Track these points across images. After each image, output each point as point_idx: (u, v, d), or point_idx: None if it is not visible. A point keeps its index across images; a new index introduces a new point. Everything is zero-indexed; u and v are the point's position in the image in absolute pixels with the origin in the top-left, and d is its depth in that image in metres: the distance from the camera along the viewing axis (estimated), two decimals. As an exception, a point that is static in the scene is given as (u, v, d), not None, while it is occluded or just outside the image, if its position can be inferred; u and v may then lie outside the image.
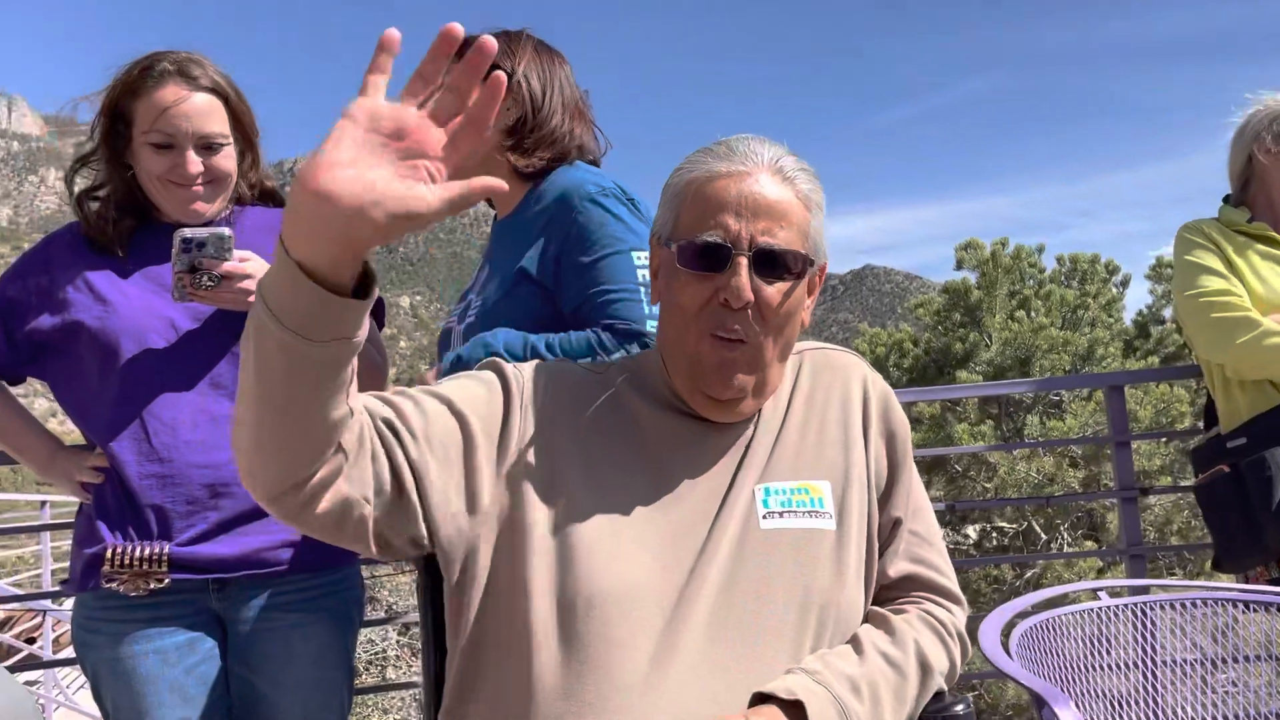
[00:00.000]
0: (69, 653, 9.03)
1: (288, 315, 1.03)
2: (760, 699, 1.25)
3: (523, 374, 1.41)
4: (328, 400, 1.10)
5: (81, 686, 8.39)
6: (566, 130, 1.90)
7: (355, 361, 1.12)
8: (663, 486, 1.36)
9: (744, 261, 1.30)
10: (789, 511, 1.37)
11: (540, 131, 1.88)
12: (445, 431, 1.31)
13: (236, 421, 1.16)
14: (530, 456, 1.35)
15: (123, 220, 1.99)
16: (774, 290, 1.32)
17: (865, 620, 1.43)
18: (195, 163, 1.92)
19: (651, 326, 1.70)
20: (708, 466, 1.38)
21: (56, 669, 7.55)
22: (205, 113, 1.93)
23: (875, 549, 1.45)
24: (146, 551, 1.86)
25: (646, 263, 1.72)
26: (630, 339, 1.70)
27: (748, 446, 1.41)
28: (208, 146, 1.94)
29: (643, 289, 1.73)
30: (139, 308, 1.93)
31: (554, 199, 1.82)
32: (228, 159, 1.97)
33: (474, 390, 1.37)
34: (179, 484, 1.88)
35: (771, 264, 1.32)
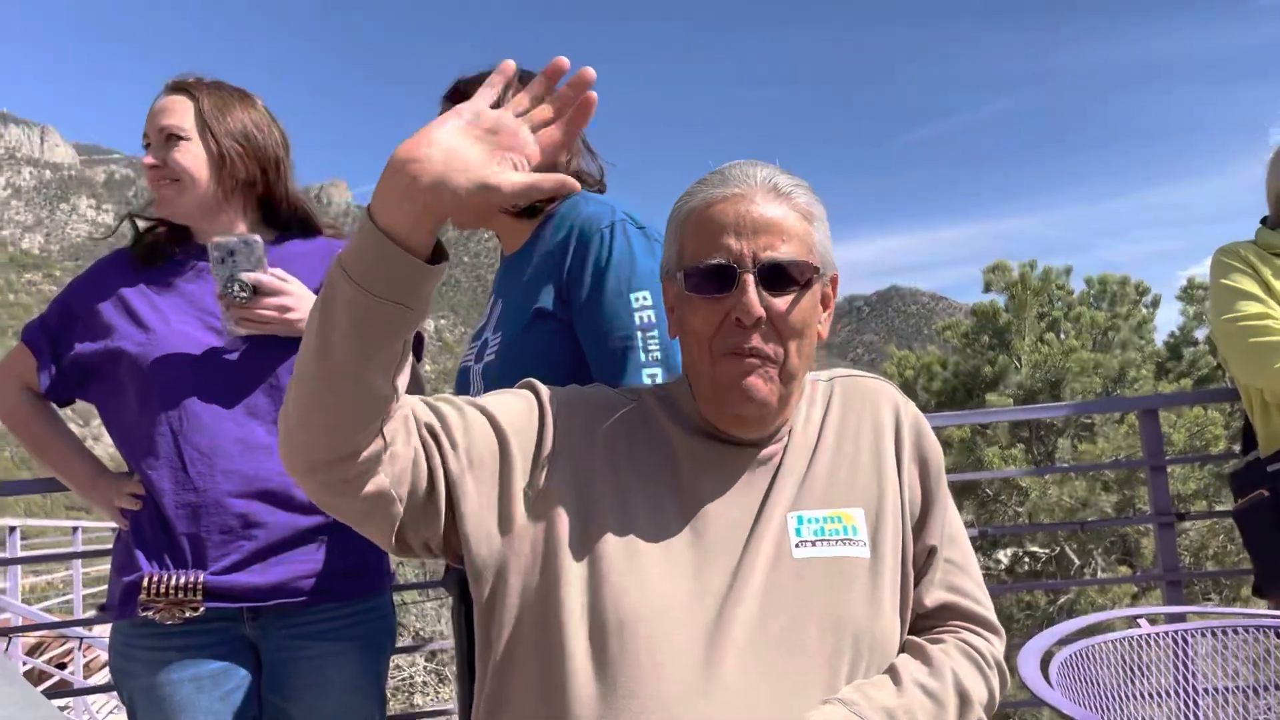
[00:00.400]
0: (99, 677, 9.11)
1: (360, 272, 1.13)
2: None
3: (559, 396, 1.43)
4: (379, 371, 1.19)
5: (112, 711, 8.43)
6: (563, 160, 1.89)
7: (409, 354, 1.22)
8: (694, 511, 1.36)
9: (750, 278, 1.32)
10: (822, 540, 1.37)
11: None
12: (485, 448, 1.35)
13: (287, 399, 1.24)
14: (564, 478, 1.36)
15: (168, 234, 2.07)
16: (784, 302, 1.34)
17: (902, 650, 1.42)
18: (149, 157, 2.00)
19: (648, 376, 1.70)
20: (739, 492, 1.39)
21: (87, 694, 7.59)
22: (166, 109, 2.01)
23: (910, 578, 1.44)
24: (181, 580, 1.88)
25: (648, 303, 1.72)
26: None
27: (778, 471, 1.41)
28: (167, 139, 2.00)
29: (641, 332, 1.71)
30: (179, 335, 1.96)
31: (567, 233, 1.81)
32: (183, 153, 1.98)
33: (515, 408, 1.40)
34: (214, 513, 1.90)
35: (778, 277, 1.34)
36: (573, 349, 1.81)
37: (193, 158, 1.99)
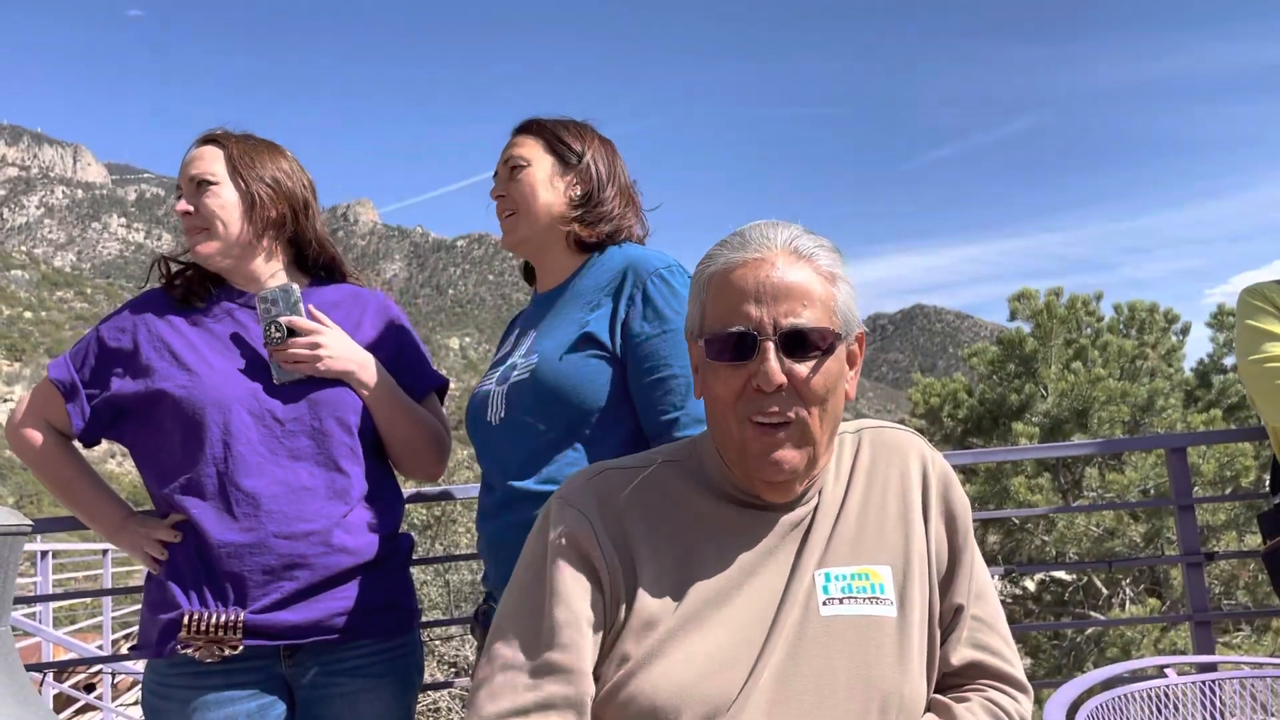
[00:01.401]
0: (125, 699, 9.14)
1: None
2: None
3: (593, 526, 1.40)
4: None
5: (139, 733, 8.46)
6: (621, 212, 2.04)
7: None
8: (725, 578, 1.37)
9: (770, 346, 1.32)
10: (849, 598, 1.37)
11: (602, 208, 2.01)
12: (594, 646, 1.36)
13: None
14: (626, 588, 1.38)
15: (199, 276, 2.12)
16: (806, 368, 1.33)
17: (928, 709, 1.42)
18: (182, 202, 2.07)
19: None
20: (768, 553, 1.39)
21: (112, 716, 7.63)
22: (196, 158, 2.10)
23: (937, 636, 1.44)
24: (223, 618, 1.90)
25: None
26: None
27: (809, 531, 1.41)
28: (197, 187, 2.07)
29: None
30: (222, 377, 2.00)
31: (621, 270, 1.93)
32: (213, 198, 2.06)
33: (583, 597, 1.37)
34: (257, 553, 1.93)
35: (800, 344, 1.33)
36: (614, 380, 1.86)
37: (223, 201, 2.06)
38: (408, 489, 2.47)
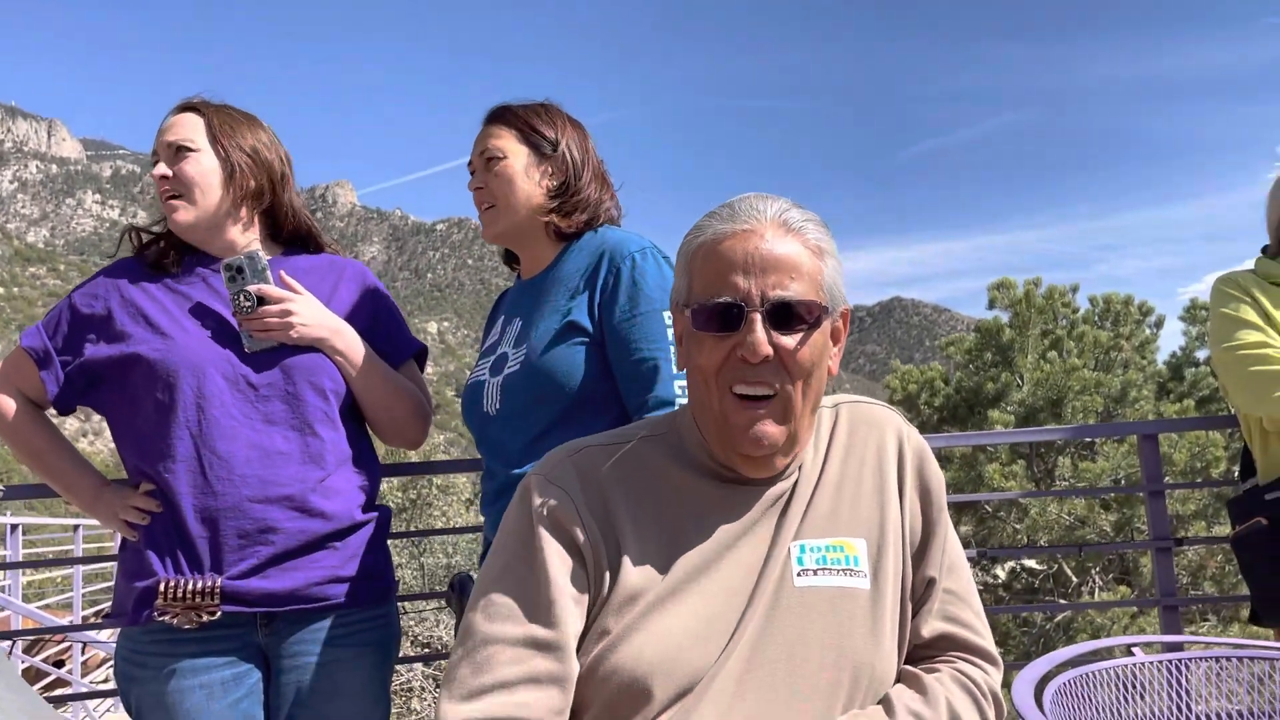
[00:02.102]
0: (96, 675, 9.10)
1: None
2: None
3: (574, 502, 1.39)
4: None
5: (108, 711, 8.43)
6: (598, 196, 2.06)
7: None
8: (704, 551, 1.38)
9: (757, 317, 1.32)
10: (823, 569, 1.38)
11: (579, 196, 2.04)
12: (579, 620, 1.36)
13: None
14: (610, 559, 1.38)
15: (172, 245, 2.10)
16: (792, 341, 1.33)
17: (897, 680, 1.43)
18: (160, 167, 2.05)
19: (679, 386, 1.81)
20: (748, 528, 1.40)
21: (88, 699, 7.59)
22: (175, 124, 2.08)
23: (909, 608, 1.45)
24: (199, 585, 1.90)
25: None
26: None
27: (788, 504, 1.42)
28: (176, 153, 2.05)
29: (673, 346, 1.82)
30: (197, 342, 2.00)
31: (597, 254, 1.96)
32: (192, 164, 2.04)
33: (565, 572, 1.36)
34: (232, 518, 1.92)
35: (786, 316, 1.33)
36: (599, 364, 1.90)
37: (201, 169, 2.05)
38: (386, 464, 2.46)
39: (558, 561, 1.35)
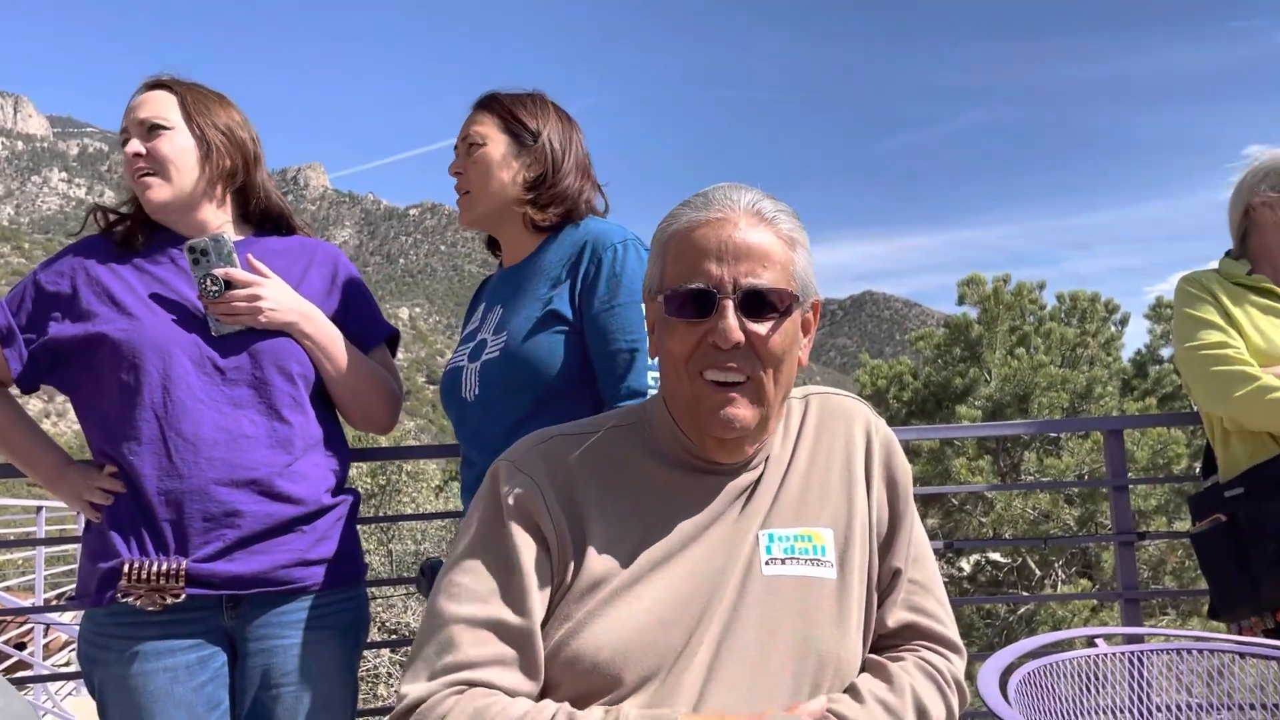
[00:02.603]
0: (58, 658, 9.00)
1: None
2: None
3: (541, 491, 1.40)
4: None
5: (70, 694, 8.35)
6: (577, 189, 2.05)
7: None
8: (670, 541, 1.39)
9: (729, 304, 1.33)
10: (791, 559, 1.40)
11: (556, 189, 2.03)
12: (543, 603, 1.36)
13: None
14: (574, 547, 1.39)
15: (139, 225, 2.08)
16: (763, 328, 1.35)
17: (863, 668, 1.45)
18: (134, 144, 2.02)
19: (652, 378, 1.83)
20: (715, 516, 1.41)
21: (51, 681, 7.51)
22: (147, 101, 2.05)
23: (874, 599, 1.47)
24: (164, 567, 1.88)
25: None
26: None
27: (754, 491, 1.43)
28: (149, 130, 2.03)
29: (649, 339, 1.81)
30: (163, 323, 1.98)
31: (579, 244, 1.96)
32: (167, 142, 2.02)
33: (530, 558, 1.37)
34: (197, 500, 1.91)
35: (758, 303, 1.34)
36: (578, 353, 1.91)
37: (177, 147, 2.03)
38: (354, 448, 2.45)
39: (523, 548, 1.36)
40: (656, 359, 1.46)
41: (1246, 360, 2.45)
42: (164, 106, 2.04)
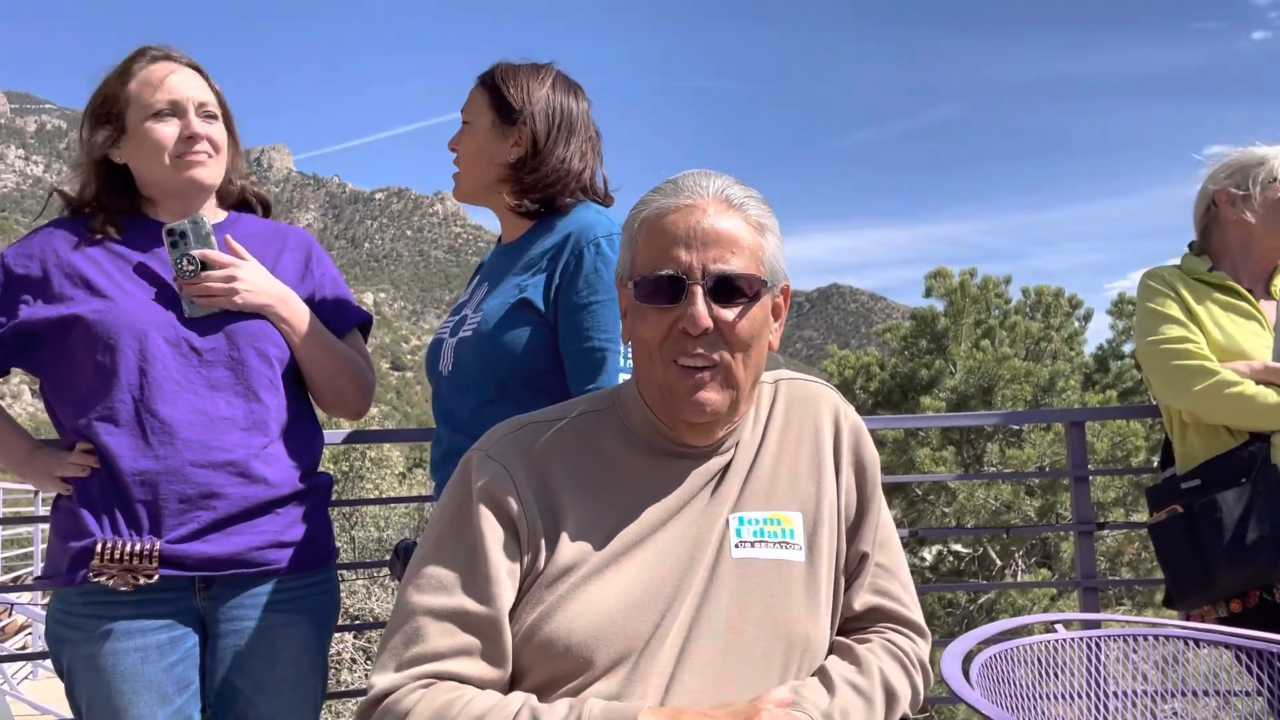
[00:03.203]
0: (14, 641, 8.87)
1: None
2: None
3: (513, 479, 1.40)
4: None
5: (26, 678, 8.25)
6: (564, 171, 1.97)
7: None
8: (641, 524, 1.40)
9: (699, 290, 1.34)
10: (760, 542, 1.42)
11: (536, 175, 1.96)
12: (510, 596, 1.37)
13: None
14: (548, 530, 1.39)
15: (111, 204, 2.05)
16: (732, 314, 1.36)
17: (830, 651, 1.47)
18: (199, 123, 2.02)
19: (623, 378, 1.79)
20: (685, 500, 1.42)
21: (11, 661, 7.42)
22: (198, 83, 2.05)
23: (841, 582, 1.49)
24: (138, 547, 1.87)
25: None
26: None
27: (724, 475, 1.45)
28: (207, 115, 2.03)
29: (622, 340, 1.79)
30: (139, 304, 1.96)
31: (564, 237, 1.91)
32: (219, 132, 2.06)
33: (499, 546, 1.38)
34: (173, 482, 1.90)
35: (727, 289, 1.35)
36: (548, 344, 1.87)
37: (223, 137, 2.07)
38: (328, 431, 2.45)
39: (491, 536, 1.37)
40: (629, 355, 1.48)
41: (1206, 355, 2.50)
42: (208, 94, 2.06)
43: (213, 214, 2.12)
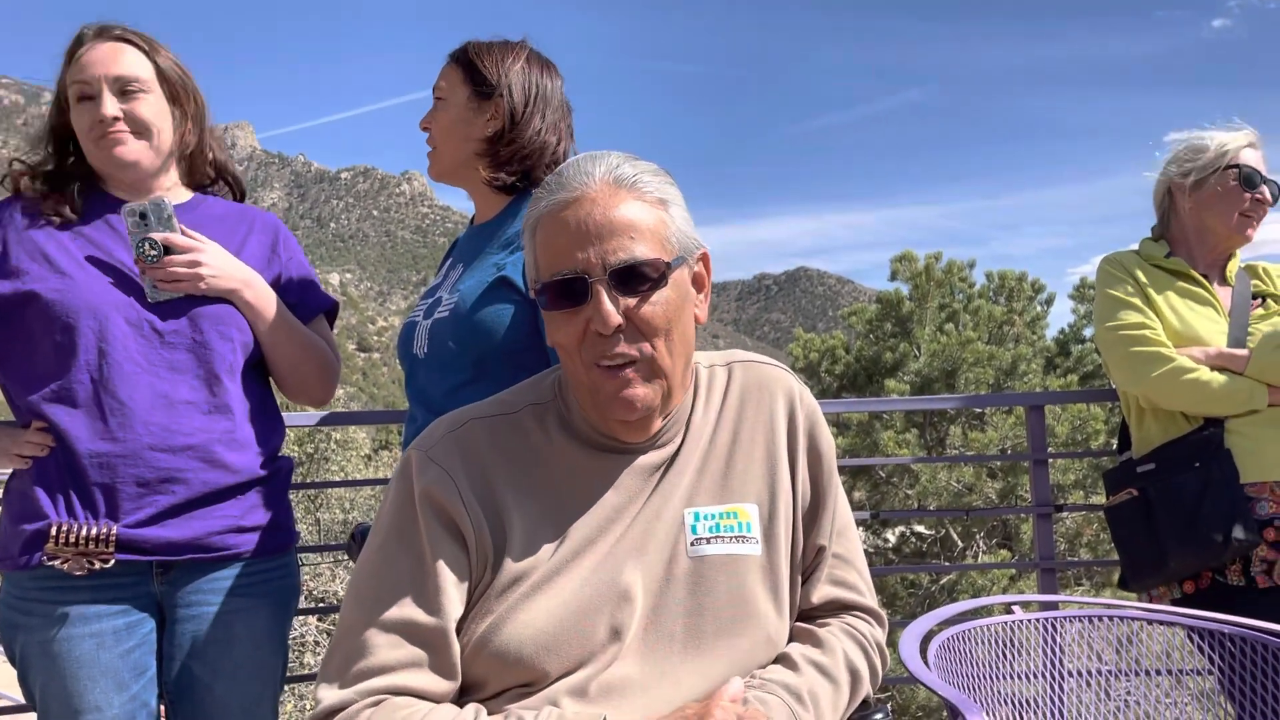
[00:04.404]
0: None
1: None
2: None
3: (456, 484, 1.35)
4: None
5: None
6: (540, 144, 1.97)
7: None
8: (589, 525, 1.36)
9: (601, 287, 1.28)
10: (717, 537, 1.38)
11: (513, 146, 1.95)
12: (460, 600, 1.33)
13: None
14: (489, 547, 1.34)
15: (61, 185, 2.00)
16: (642, 302, 1.30)
17: (792, 638, 1.47)
18: (110, 103, 1.93)
19: None
20: (633, 496, 1.38)
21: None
22: (116, 57, 1.95)
23: (799, 574, 1.48)
24: (94, 531, 1.84)
25: None
26: None
27: (669, 466, 1.41)
28: (123, 92, 1.95)
29: None
30: (99, 283, 1.92)
31: None
32: (146, 107, 1.96)
33: (445, 554, 1.33)
34: (132, 465, 1.87)
35: (631, 278, 1.29)
36: (529, 322, 1.86)
37: (155, 111, 1.97)
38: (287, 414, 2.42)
39: (438, 544, 1.31)
40: None
41: (1163, 341, 2.53)
42: (136, 65, 1.96)
43: (177, 195, 2.08)
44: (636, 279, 1.29)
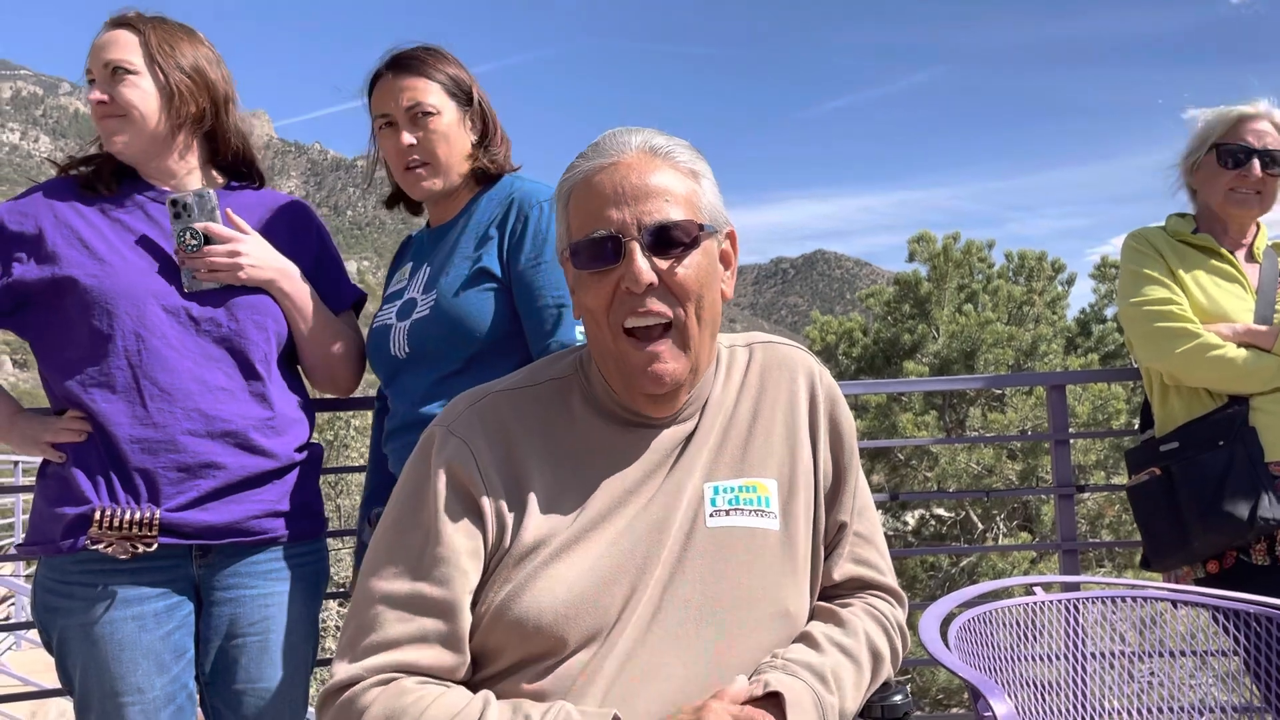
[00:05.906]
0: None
1: None
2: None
3: (475, 456, 1.36)
4: None
5: (10, 649, 8.23)
6: (502, 137, 2.11)
7: None
8: (609, 497, 1.36)
9: (635, 246, 1.29)
10: (735, 510, 1.39)
11: (495, 137, 2.08)
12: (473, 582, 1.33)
13: None
14: (508, 518, 1.35)
15: (105, 166, 2.01)
16: (675, 264, 1.31)
17: (812, 617, 1.47)
18: (96, 92, 1.94)
19: (579, 332, 1.84)
20: (653, 469, 1.39)
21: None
22: (110, 42, 1.96)
23: (821, 551, 1.48)
24: (137, 515, 1.86)
25: None
26: None
27: (689, 441, 1.41)
28: (113, 74, 1.95)
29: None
30: (136, 270, 1.93)
31: (508, 203, 1.98)
32: (130, 87, 1.95)
33: (459, 527, 1.33)
34: (172, 450, 1.89)
35: (665, 239, 1.30)
36: (508, 308, 1.92)
37: (141, 93, 1.96)
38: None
39: (451, 516, 1.32)
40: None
41: (1189, 317, 2.50)
42: (127, 49, 1.96)
43: (203, 177, 2.09)
44: (670, 241, 1.31)
